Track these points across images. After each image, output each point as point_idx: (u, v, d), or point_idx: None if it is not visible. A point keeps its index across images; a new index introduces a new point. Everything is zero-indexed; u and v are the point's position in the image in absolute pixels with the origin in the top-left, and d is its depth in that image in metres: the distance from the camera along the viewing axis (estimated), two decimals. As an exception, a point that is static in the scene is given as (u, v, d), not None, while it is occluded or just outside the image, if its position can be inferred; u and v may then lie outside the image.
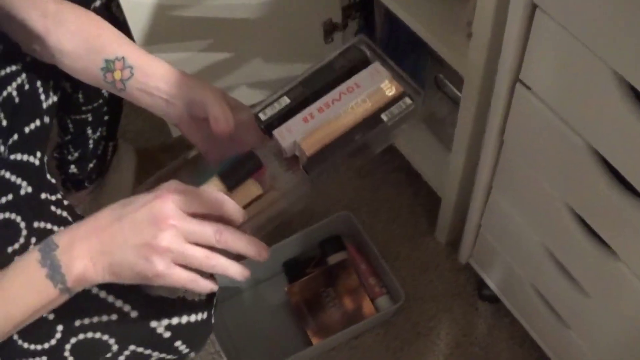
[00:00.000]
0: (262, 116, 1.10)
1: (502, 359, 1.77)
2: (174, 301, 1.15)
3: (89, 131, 1.66)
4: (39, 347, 1.12)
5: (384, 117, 1.07)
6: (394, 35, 1.92)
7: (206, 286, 1.01)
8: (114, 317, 1.12)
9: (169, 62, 1.17)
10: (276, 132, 1.08)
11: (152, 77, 1.14)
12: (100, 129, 1.68)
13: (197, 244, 0.97)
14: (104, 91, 1.54)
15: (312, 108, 1.09)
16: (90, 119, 1.61)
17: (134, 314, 1.13)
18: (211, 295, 1.21)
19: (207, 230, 0.97)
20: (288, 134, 1.08)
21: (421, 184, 1.94)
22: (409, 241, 1.96)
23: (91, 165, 1.82)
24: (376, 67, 1.12)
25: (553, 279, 1.37)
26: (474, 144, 1.49)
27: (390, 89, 1.08)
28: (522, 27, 1.10)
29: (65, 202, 1.27)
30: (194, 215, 0.98)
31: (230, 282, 1.85)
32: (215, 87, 1.13)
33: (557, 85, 1.10)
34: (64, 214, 1.24)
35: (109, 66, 1.14)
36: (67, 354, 1.13)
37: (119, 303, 1.12)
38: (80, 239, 0.95)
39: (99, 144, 1.73)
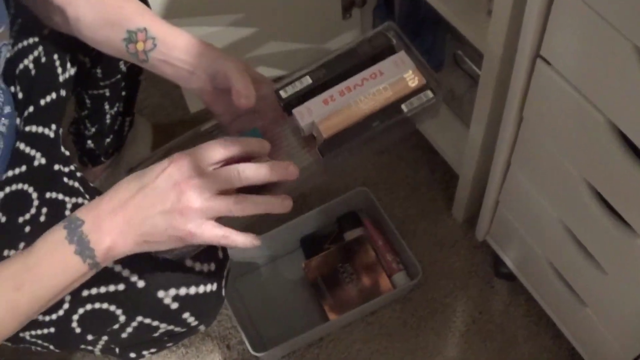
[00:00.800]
0: (283, 94, 1.10)
1: (518, 337, 1.77)
2: (183, 271, 1.15)
3: (106, 106, 1.66)
4: (47, 318, 1.13)
5: (404, 107, 1.06)
6: (412, 12, 1.91)
7: (242, 241, 1.00)
8: (120, 287, 1.13)
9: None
10: (295, 111, 1.08)
11: (175, 48, 1.14)
12: (117, 105, 1.68)
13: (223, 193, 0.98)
14: (122, 67, 1.54)
15: (334, 90, 1.09)
16: (107, 94, 1.61)
17: (140, 284, 1.13)
18: (221, 266, 1.21)
19: (228, 174, 0.97)
20: (307, 114, 1.07)
21: (439, 161, 1.93)
22: (426, 218, 1.96)
23: (108, 140, 1.82)
24: (401, 56, 1.11)
25: (570, 256, 1.37)
26: (492, 121, 1.49)
27: (413, 80, 1.08)
28: (544, 2, 1.09)
29: (78, 174, 1.27)
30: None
31: (247, 257, 1.86)
32: (237, 59, 1.13)
33: (578, 61, 1.10)
34: (76, 184, 1.24)
35: (131, 37, 1.14)
36: (74, 324, 1.13)
37: (125, 272, 1.13)
38: (106, 214, 0.96)
39: (115, 119, 1.73)
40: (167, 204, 0.95)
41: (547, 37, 1.13)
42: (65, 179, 1.23)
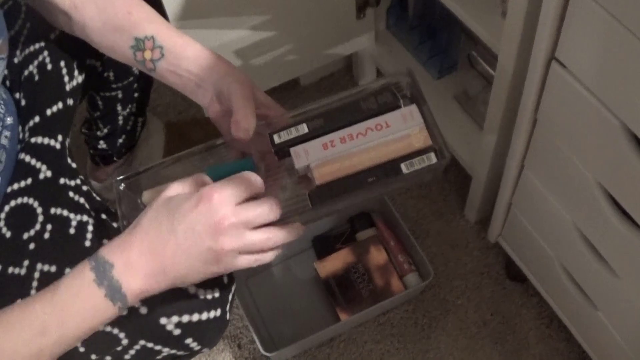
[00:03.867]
0: (277, 139, 1.06)
1: (529, 339, 1.76)
2: (187, 297, 1.14)
3: (119, 108, 1.66)
4: None
5: (403, 167, 1.01)
6: (427, 12, 1.91)
7: (270, 257, 0.99)
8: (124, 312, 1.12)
9: (201, 37, 1.16)
10: (293, 151, 1.04)
11: (183, 59, 1.12)
12: (129, 106, 1.68)
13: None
14: (134, 69, 1.54)
15: (335, 136, 1.05)
16: (120, 96, 1.61)
17: (143, 310, 1.13)
18: (226, 291, 1.20)
19: (262, 211, 0.95)
20: (304, 156, 1.04)
21: (451, 161, 1.93)
22: (438, 219, 1.96)
23: (120, 140, 1.82)
24: (412, 110, 1.06)
25: (583, 259, 1.37)
26: (506, 122, 1.49)
27: (418, 140, 1.03)
28: (559, 5, 1.09)
29: (85, 188, 1.26)
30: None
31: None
32: (246, 81, 1.10)
33: (593, 64, 1.09)
34: (81, 200, 1.23)
35: (139, 45, 1.13)
36: (78, 344, 1.13)
37: None
38: (138, 258, 0.94)
39: (128, 119, 1.73)
40: (202, 249, 0.93)
41: (562, 40, 1.13)
42: (71, 194, 1.22)
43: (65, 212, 1.18)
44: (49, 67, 1.26)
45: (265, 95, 1.14)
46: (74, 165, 1.28)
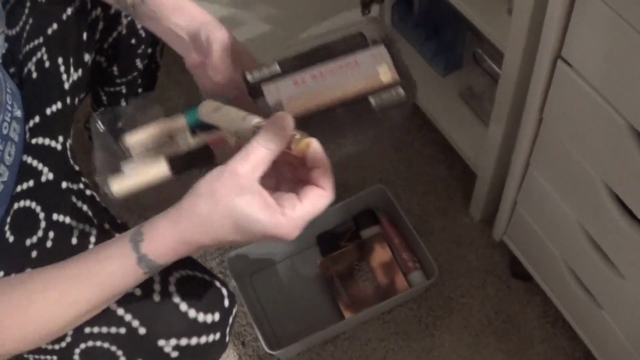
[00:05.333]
0: (249, 77, 1.07)
1: (534, 337, 1.76)
2: (187, 320, 1.13)
3: (123, 104, 1.66)
4: (49, 347, 1.12)
5: (372, 100, 1.04)
6: (432, 9, 1.91)
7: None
8: (122, 330, 1.11)
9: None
10: (265, 87, 1.06)
11: (162, 6, 1.12)
12: (133, 102, 1.68)
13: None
14: (138, 64, 1.54)
15: (306, 74, 1.07)
16: (124, 91, 1.61)
17: (142, 331, 1.12)
18: (227, 314, 1.19)
19: (321, 207, 0.92)
20: (275, 92, 1.06)
21: (456, 159, 1.93)
22: (443, 216, 1.96)
23: None
24: (380, 50, 1.09)
25: (588, 259, 1.36)
26: (512, 121, 1.48)
27: (386, 76, 1.05)
28: (566, 3, 1.08)
29: (88, 192, 1.26)
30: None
31: (264, 254, 1.85)
32: (225, 30, 1.10)
33: (600, 63, 1.09)
34: (84, 207, 1.22)
35: None
36: (76, 357, 1.12)
37: (128, 317, 1.11)
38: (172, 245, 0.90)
39: (132, 115, 1.73)
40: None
41: (568, 39, 1.13)
42: (74, 199, 1.22)
43: (67, 220, 1.18)
44: (47, 64, 1.26)
45: (244, 47, 1.14)
46: (76, 167, 1.28)
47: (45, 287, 0.91)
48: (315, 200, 0.90)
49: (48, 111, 1.25)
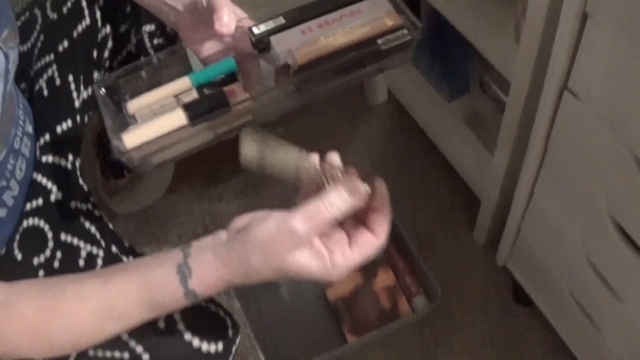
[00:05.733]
0: (256, 30, 1.10)
1: (535, 362, 1.77)
2: (190, 349, 1.13)
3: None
4: None
5: (380, 42, 1.07)
6: (439, 34, 1.91)
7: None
8: (125, 355, 1.11)
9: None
10: (273, 39, 1.09)
11: None
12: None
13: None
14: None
15: (312, 23, 1.10)
16: None
17: (145, 357, 1.12)
18: (230, 344, 1.19)
19: (370, 254, 0.91)
20: (284, 42, 1.08)
21: (460, 183, 1.93)
22: (447, 239, 1.96)
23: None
24: None
25: (591, 286, 1.37)
26: (517, 149, 1.49)
27: (390, 20, 1.09)
28: (573, 35, 1.09)
29: (97, 213, 1.26)
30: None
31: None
32: None
33: (606, 95, 1.09)
34: (92, 229, 1.23)
35: None
36: None
37: (132, 343, 1.11)
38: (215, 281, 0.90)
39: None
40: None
41: (575, 70, 1.13)
42: (82, 219, 1.23)
43: (75, 240, 1.18)
44: (58, 81, 1.27)
45: (234, 5, 1.14)
46: (85, 187, 1.28)
47: (86, 298, 0.91)
48: (366, 247, 0.90)
49: (58, 129, 1.26)
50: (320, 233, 0.87)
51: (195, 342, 1.14)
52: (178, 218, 2.07)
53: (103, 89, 1.10)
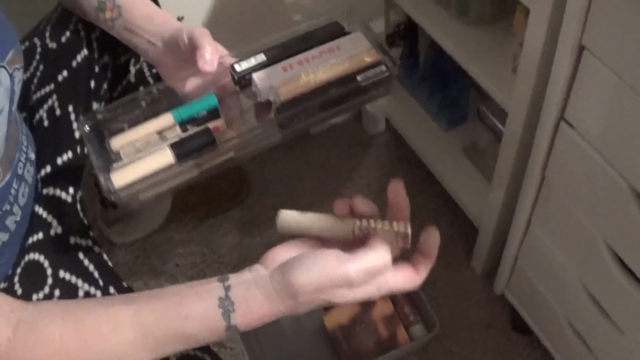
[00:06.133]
0: (237, 67, 1.12)
1: (534, 391, 1.76)
2: None
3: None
4: None
5: (359, 78, 1.09)
6: (437, 65, 1.93)
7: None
8: None
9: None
10: (255, 75, 1.10)
11: (137, 16, 1.18)
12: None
13: None
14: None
15: (293, 60, 1.12)
16: None
17: None
18: None
19: (407, 289, 0.94)
20: (266, 79, 1.10)
21: (458, 212, 1.94)
22: (445, 269, 1.96)
23: None
24: (358, 35, 1.15)
25: (588, 315, 1.37)
26: (514, 178, 1.50)
27: (369, 56, 1.11)
28: (569, 66, 1.10)
29: (96, 249, 1.26)
30: None
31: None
32: (201, 27, 1.14)
33: (602, 126, 1.10)
34: (91, 267, 1.22)
35: (100, 6, 1.20)
36: None
37: None
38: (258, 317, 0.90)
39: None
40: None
41: (572, 101, 1.14)
42: (81, 256, 1.22)
43: (73, 279, 1.18)
44: (58, 112, 1.27)
45: (215, 42, 1.16)
46: (85, 221, 1.28)
47: (120, 325, 0.89)
48: (407, 282, 0.94)
49: (59, 160, 1.26)
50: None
51: None
52: (176, 248, 2.07)
53: (87, 127, 1.11)
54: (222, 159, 1.08)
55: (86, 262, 1.22)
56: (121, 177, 1.01)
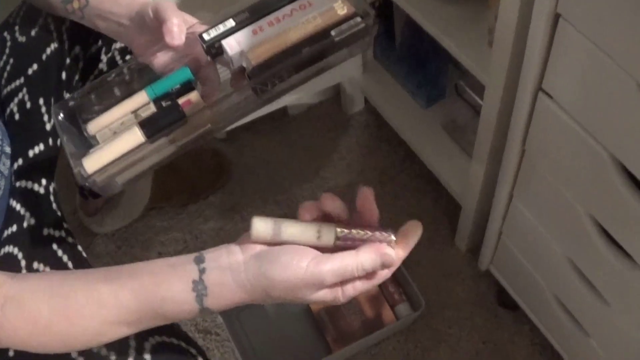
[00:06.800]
0: (206, 36, 1.08)
1: (523, 367, 1.76)
2: None
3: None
4: None
5: (333, 33, 1.05)
6: (414, 42, 1.92)
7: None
8: None
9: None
10: (225, 42, 1.07)
11: (104, 1, 1.16)
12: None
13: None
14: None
15: (262, 22, 1.09)
16: None
17: None
18: None
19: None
20: (236, 45, 1.07)
21: (441, 191, 1.93)
22: (429, 248, 1.96)
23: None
24: None
25: (574, 287, 1.37)
26: (495, 152, 1.49)
27: (342, 9, 1.07)
28: (545, 36, 1.09)
29: (70, 240, 1.24)
30: None
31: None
32: (166, 0, 1.12)
33: (580, 95, 1.10)
34: (65, 258, 1.20)
35: None
36: None
37: None
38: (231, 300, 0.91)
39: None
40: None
41: (549, 71, 1.13)
42: (55, 247, 1.21)
43: (47, 270, 1.16)
44: (28, 105, 1.26)
45: (185, 13, 1.14)
46: (59, 212, 1.26)
47: (102, 305, 0.90)
48: (377, 279, 0.93)
49: (31, 153, 1.24)
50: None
51: None
52: (158, 236, 2.05)
53: (62, 114, 1.09)
54: (198, 133, 1.05)
55: (60, 252, 1.20)
56: (93, 162, 0.98)
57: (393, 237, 0.96)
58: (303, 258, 0.86)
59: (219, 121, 1.07)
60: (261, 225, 0.89)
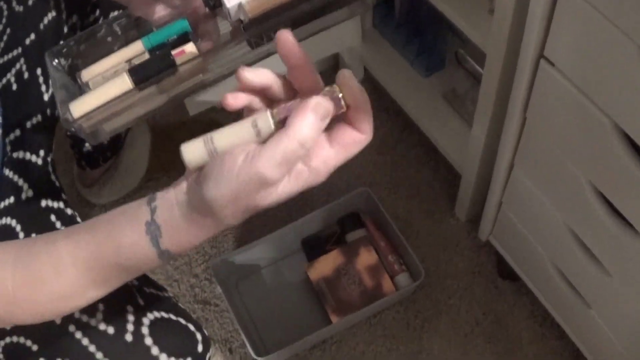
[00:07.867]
0: None
1: (522, 337, 1.75)
2: None
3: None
4: None
5: None
6: (413, 10, 1.90)
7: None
8: None
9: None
10: None
11: None
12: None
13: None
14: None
15: None
16: None
17: None
18: (200, 359, 1.16)
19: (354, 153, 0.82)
20: None
21: (441, 160, 1.92)
22: (429, 218, 1.95)
23: (105, 143, 1.81)
24: None
25: (574, 257, 1.36)
26: (495, 121, 1.48)
27: None
28: (547, 2, 1.08)
29: (68, 211, 1.24)
30: None
31: (249, 260, 1.84)
32: None
33: (582, 62, 1.09)
34: (63, 228, 1.20)
35: None
36: None
37: (99, 355, 1.07)
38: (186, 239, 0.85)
39: (113, 122, 1.72)
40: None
41: (550, 38, 1.12)
42: (53, 218, 1.20)
43: None
44: (26, 75, 1.25)
45: None
46: (57, 183, 1.26)
47: (62, 265, 0.86)
48: (351, 146, 0.81)
49: (28, 124, 1.24)
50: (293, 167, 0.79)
51: (163, 357, 1.11)
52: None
53: (56, 60, 1.07)
54: (189, 84, 1.02)
55: (58, 224, 1.20)
56: (80, 106, 0.95)
57: (336, 87, 0.80)
58: (234, 163, 0.77)
59: (210, 72, 1.04)
60: (191, 149, 0.83)
